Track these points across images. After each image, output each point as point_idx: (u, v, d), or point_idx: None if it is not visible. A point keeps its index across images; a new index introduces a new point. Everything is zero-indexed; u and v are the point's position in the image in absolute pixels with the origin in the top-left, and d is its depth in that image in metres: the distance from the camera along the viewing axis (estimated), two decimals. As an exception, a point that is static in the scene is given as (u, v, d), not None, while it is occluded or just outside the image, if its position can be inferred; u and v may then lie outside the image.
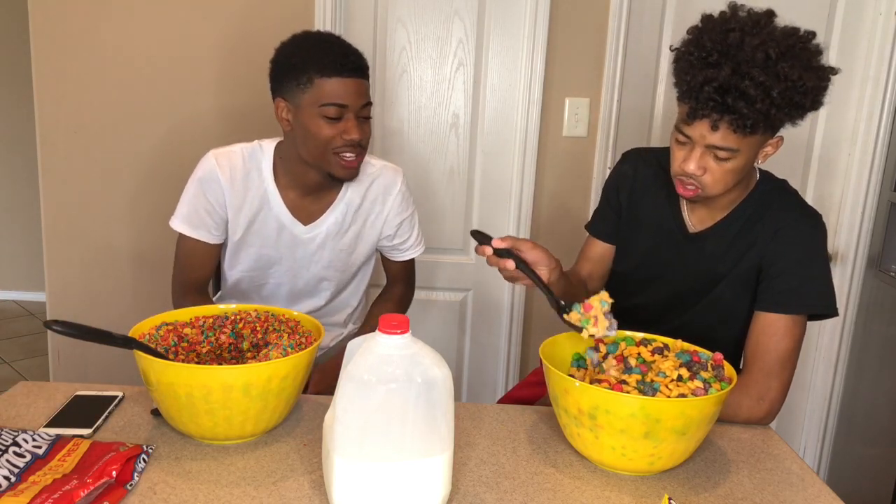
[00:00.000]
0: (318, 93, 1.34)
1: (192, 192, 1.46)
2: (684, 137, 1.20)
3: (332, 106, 1.34)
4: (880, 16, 2.15)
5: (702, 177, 1.21)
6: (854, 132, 2.24)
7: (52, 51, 2.11)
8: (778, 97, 1.11)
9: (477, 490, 1.00)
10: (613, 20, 2.12)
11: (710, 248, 1.34)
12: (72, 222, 2.22)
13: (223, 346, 1.23)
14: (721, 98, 1.11)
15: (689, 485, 1.05)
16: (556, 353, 1.17)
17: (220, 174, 1.44)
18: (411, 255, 1.66)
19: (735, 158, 1.19)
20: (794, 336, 1.25)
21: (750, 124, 1.12)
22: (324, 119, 1.35)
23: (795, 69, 1.11)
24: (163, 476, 0.99)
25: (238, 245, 1.51)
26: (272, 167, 1.48)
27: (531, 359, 2.36)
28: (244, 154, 1.47)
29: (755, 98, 1.10)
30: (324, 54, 1.34)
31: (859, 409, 2.33)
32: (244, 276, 1.54)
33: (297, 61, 1.36)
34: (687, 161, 1.21)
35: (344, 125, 1.37)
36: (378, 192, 1.55)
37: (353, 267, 1.60)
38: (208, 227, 1.47)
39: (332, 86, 1.34)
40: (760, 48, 1.10)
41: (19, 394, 1.21)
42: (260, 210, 1.48)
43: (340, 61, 1.34)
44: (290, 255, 1.52)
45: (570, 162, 2.23)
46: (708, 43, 1.14)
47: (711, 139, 1.16)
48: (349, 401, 0.88)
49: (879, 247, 2.23)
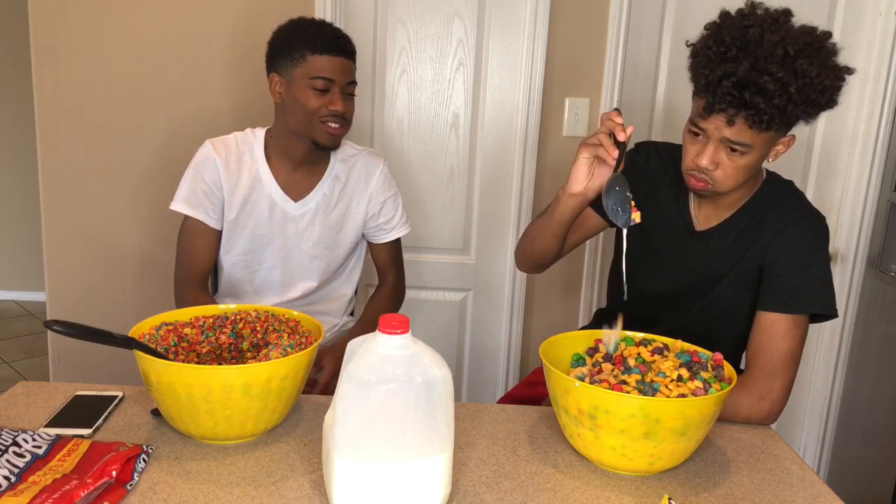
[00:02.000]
0: (309, 67, 1.49)
1: (190, 176, 1.58)
2: (699, 130, 1.21)
3: (321, 79, 1.48)
4: (880, 16, 2.15)
5: (714, 171, 1.22)
6: (854, 132, 2.24)
7: (52, 51, 2.11)
8: (795, 93, 1.11)
9: (477, 490, 1.00)
10: (613, 20, 2.12)
11: (714, 246, 1.34)
12: (72, 222, 2.22)
13: (223, 346, 1.23)
14: (739, 93, 1.12)
15: (689, 485, 1.05)
16: (556, 353, 1.17)
17: (216, 157, 1.57)
18: (397, 235, 1.72)
19: (748, 154, 1.19)
20: (795, 336, 1.25)
21: (766, 120, 1.13)
22: (312, 91, 1.49)
23: (813, 66, 1.11)
24: (163, 476, 0.99)
25: (233, 226, 1.59)
26: (264, 148, 1.60)
27: (531, 359, 2.36)
28: (237, 139, 1.61)
29: (773, 93, 1.11)
30: (317, 34, 1.49)
31: (859, 409, 2.33)
32: (239, 260, 1.62)
33: (292, 39, 1.51)
34: (700, 156, 1.21)
35: (330, 97, 1.50)
36: (361, 172, 1.66)
37: (341, 247, 1.65)
38: (206, 208, 1.57)
39: (322, 62, 1.48)
40: (779, 45, 1.11)
41: (19, 394, 1.21)
42: (253, 189, 1.58)
43: (331, 42, 1.49)
44: (281, 233, 1.60)
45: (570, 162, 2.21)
46: (727, 38, 1.14)
47: (726, 133, 1.17)
48: (349, 401, 0.88)
49: (879, 247, 2.23)
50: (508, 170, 2.23)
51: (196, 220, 1.57)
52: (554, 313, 2.33)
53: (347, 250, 1.67)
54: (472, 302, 2.35)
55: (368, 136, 2.22)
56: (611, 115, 1.23)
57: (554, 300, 2.31)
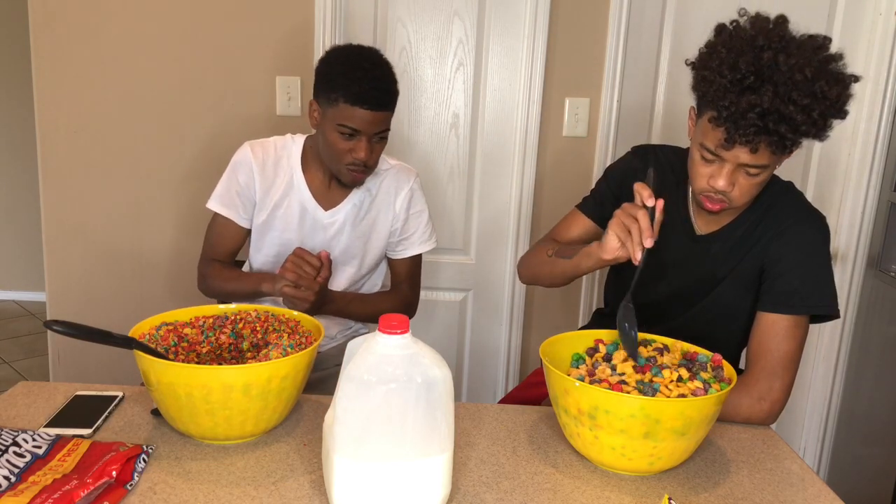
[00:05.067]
0: (339, 113, 1.45)
1: (226, 176, 1.61)
2: (713, 157, 1.19)
3: (348, 129, 1.46)
4: (880, 16, 2.15)
5: (731, 192, 1.21)
6: (854, 132, 2.24)
7: (52, 51, 2.11)
8: (818, 117, 1.11)
9: (477, 490, 1.00)
10: (613, 20, 2.12)
11: (715, 249, 1.34)
12: (72, 222, 2.22)
13: (223, 346, 1.23)
14: (762, 122, 1.10)
15: (689, 485, 1.05)
16: (556, 353, 1.17)
17: (252, 159, 1.58)
18: (418, 251, 1.70)
19: (765, 172, 1.19)
20: (795, 337, 1.25)
21: (790, 145, 1.13)
22: (339, 135, 1.47)
23: (832, 87, 1.10)
24: (163, 476, 0.99)
25: (262, 228, 1.61)
26: (301, 155, 1.61)
27: (531, 359, 2.36)
28: (276, 144, 1.62)
29: (800, 123, 1.10)
30: (354, 83, 1.43)
31: (859, 409, 2.33)
32: (268, 261, 1.63)
33: (331, 79, 1.46)
34: (716, 178, 1.20)
35: (356, 144, 1.48)
36: (391, 187, 1.65)
37: (367, 257, 1.65)
38: (237, 208, 1.60)
39: (353, 112, 1.44)
40: (797, 69, 1.09)
41: (19, 394, 1.21)
42: (286, 195, 1.59)
43: (366, 95, 1.43)
44: (310, 239, 1.61)
45: (570, 162, 2.23)
46: (742, 66, 1.11)
47: (747, 159, 1.16)
48: (349, 401, 0.88)
49: (879, 247, 2.23)
50: (508, 170, 2.23)
51: (226, 219, 1.61)
52: (554, 313, 2.33)
53: (374, 261, 1.68)
54: (472, 302, 2.35)
55: (368, 136, 2.22)
56: (638, 189, 1.19)
57: (554, 300, 2.31)
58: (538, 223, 2.26)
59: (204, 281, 1.64)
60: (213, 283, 1.62)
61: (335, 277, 1.64)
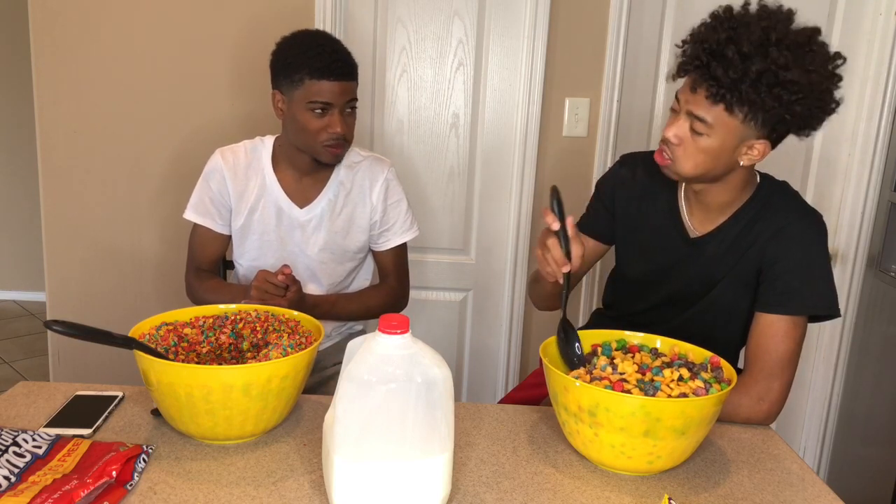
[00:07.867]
0: (307, 92, 1.48)
1: (199, 185, 1.63)
2: (675, 103, 1.24)
3: (319, 103, 1.48)
4: (880, 16, 2.15)
5: (676, 147, 1.23)
6: (854, 132, 2.24)
7: (52, 51, 2.11)
8: (754, 74, 1.12)
9: (477, 490, 1.00)
10: (613, 20, 2.12)
11: (710, 251, 1.34)
12: (72, 222, 2.22)
13: (223, 346, 1.23)
14: (707, 59, 1.14)
15: (689, 485, 1.05)
16: (555, 353, 1.17)
17: (223, 166, 1.60)
18: (400, 240, 1.70)
19: (709, 136, 1.19)
20: (794, 337, 1.25)
21: (722, 93, 1.14)
22: (311, 113, 1.49)
23: (787, 59, 1.11)
24: (163, 476, 0.99)
25: (242, 232, 1.63)
26: (271, 156, 1.62)
27: (531, 359, 2.36)
28: (246, 148, 1.63)
29: (731, 63, 1.12)
30: (315, 58, 1.47)
31: (859, 409, 2.33)
32: (251, 265, 1.65)
33: (291, 61, 1.49)
34: (669, 128, 1.24)
35: (329, 120, 1.50)
36: (365, 179, 1.65)
37: (348, 252, 1.65)
38: (213, 216, 1.62)
39: (320, 87, 1.47)
40: (763, 29, 1.12)
41: (19, 394, 1.21)
42: (261, 197, 1.61)
43: (329, 66, 1.47)
44: (289, 238, 1.62)
45: (570, 162, 2.23)
46: (721, 13, 1.18)
47: (691, 105, 1.19)
48: (349, 401, 0.88)
49: (879, 247, 2.23)
50: (508, 170, 2.23)
51: (204, 227, 1.63)
52: (554, 313, 2.32)
53: (354, 256, 1.67)
54: (472, 302, 2.35)
55: (368, 136, 2.22)
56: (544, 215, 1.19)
57: (554, 300, 2.31)
58: (538, 223, 2.26)
59: (190, 291, 1.67)
60: (198, 294, 1.64)
61: (319, 276, 1.64)
